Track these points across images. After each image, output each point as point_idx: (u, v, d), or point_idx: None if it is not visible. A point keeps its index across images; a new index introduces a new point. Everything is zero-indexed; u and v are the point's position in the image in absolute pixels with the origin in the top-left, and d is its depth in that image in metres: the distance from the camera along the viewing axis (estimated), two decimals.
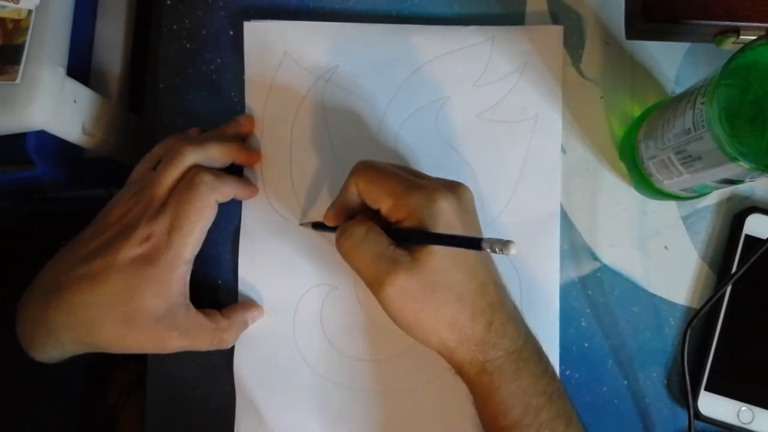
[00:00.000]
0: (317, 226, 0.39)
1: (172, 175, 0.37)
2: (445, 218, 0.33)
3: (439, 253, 0.32)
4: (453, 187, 0.35)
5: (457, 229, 0.33)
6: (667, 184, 0.39)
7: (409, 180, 0.34)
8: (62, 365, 0.38)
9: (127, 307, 0.35)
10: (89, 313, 0.35)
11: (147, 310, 0.36)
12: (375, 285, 0.33)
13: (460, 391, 0.40)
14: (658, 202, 0.43)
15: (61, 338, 0.36)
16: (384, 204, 0.34)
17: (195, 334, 0.38)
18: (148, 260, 0.35)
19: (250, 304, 0.41)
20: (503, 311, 0.34)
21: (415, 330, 0.34)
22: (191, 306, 0.38)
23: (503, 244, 0.28)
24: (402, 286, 0.32)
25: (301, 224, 0.42)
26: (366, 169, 0.35)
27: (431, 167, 0.42)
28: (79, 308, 0.35)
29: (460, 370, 0.35)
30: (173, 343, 0.37)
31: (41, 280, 0.37)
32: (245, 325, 0.41)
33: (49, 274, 0.37)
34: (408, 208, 0.33)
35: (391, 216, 0.34)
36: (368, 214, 0.36)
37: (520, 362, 0.34)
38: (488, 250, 0.29)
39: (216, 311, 0.40)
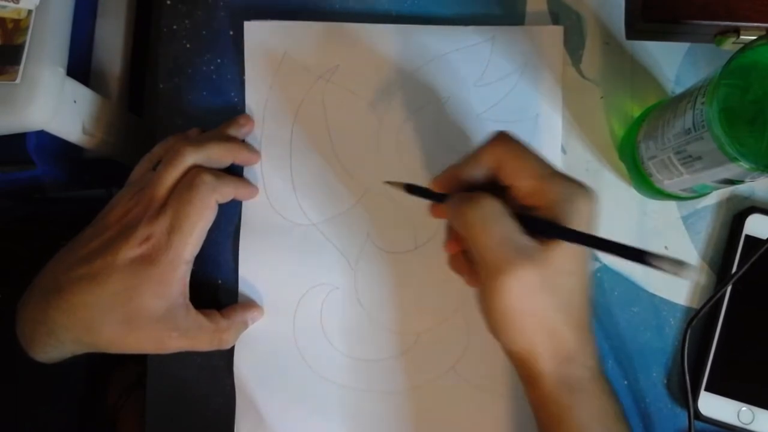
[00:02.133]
0: (414, 190, 0.35)
1: (172, 175, 0.37)
2: (582, 220, 0.30)
3: (569, 254, 0.30)
4: (589, 189, 0.31)
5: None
6: (667, 184, 0.39)
7: (553, 167, 0.31)
8: (62, 365, 0.38)
9: (127, 308, 0.35)
10: (89, 314, 0.35)
11: (147, 311, 0.36)
12: (492, 270, 0.30)
13: (460, 392, 0.41)
14: (658, 202, 0.43)
15: (61, 338, 0.36)
16: (523, 184, 0.31)
17: (195, 334, 0.38)
18: (148, 260, 0.35)
19: (249, 304, 0.41)
20: (592, 330, 0.32)
21: (506, 326, 0.31)
22: (191, 306, 0.38)
23: (679, 265, 0.23)
24: (524, 280, 0.29)
25: (387, 183, 0.37)
26: (510, 140, 0.32)
27: (431, 167, 0.42)
28: (79, 308, 0.35)
29: (535, 381, 0.32)
30: (173, 343, 0.37)
31: (41, 280, 0.37)
32: (245, 325, 0.41)
33: (49, 274, 0.37)
34: (548, 197, 0.30)
35: (524, 199, 0.31)
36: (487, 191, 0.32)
37: (602, 384, 0.32)
38: (657, 267, 0.25)
39: (216, 311, 0.40)
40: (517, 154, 0.32)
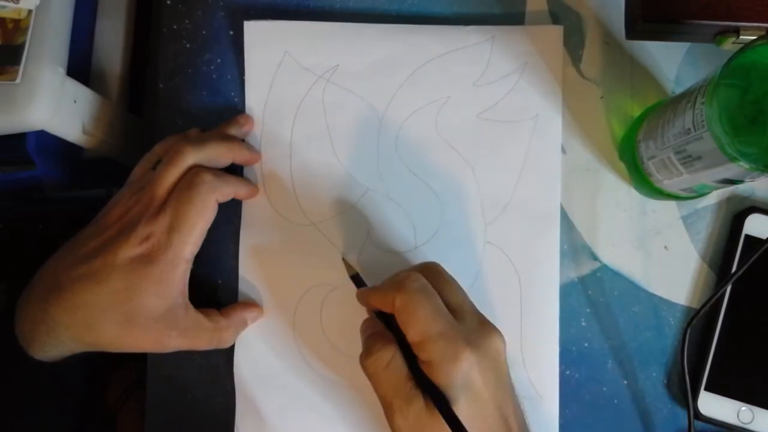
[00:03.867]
0: (358, 281, 0.39)
1: (172, 174, 0.37)
2: (465, 378, 0.31)
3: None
4: (480, 341, 0.32)
5: (477, 390, 0.31)
6: (667, 184, 0.39)
7: (442, 323, 0.32)
8: (62, 365, 0.38)
9: (127, 307, 0.35)
10: (89, 313, 0.35)
11: (146, 310, 0.36)
12: (387, 410, 0.33)
13: None
14: (658, 202, 0.43)
15: (60, 337, 0.36)
16: (411, 337, 0.33)
17: (194, 333, 0.38)
18: (147, 260, 0.35)
19: (249, 303, 0.41)
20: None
21: None
22: (190, 306, 0.38)
23: None
24: (410, 424, 0.32)
25: (345, 259, 0.41)
26: (411, 288, 0.33)
27: (431, 167, 0.42)
28: (79, 307, 0.35)
29: None
30: (172, 342, 0.37)
31: (41, 278, 0.37)
32: (244, 324, 0.41)
33: (49, 273, 0.37)
34: (431, 356, 0.31)
35: (415, 350, 0.33)
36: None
37: None
38: None
39: (215, 311, 0.40)
40: (408, 308, 0.32)
